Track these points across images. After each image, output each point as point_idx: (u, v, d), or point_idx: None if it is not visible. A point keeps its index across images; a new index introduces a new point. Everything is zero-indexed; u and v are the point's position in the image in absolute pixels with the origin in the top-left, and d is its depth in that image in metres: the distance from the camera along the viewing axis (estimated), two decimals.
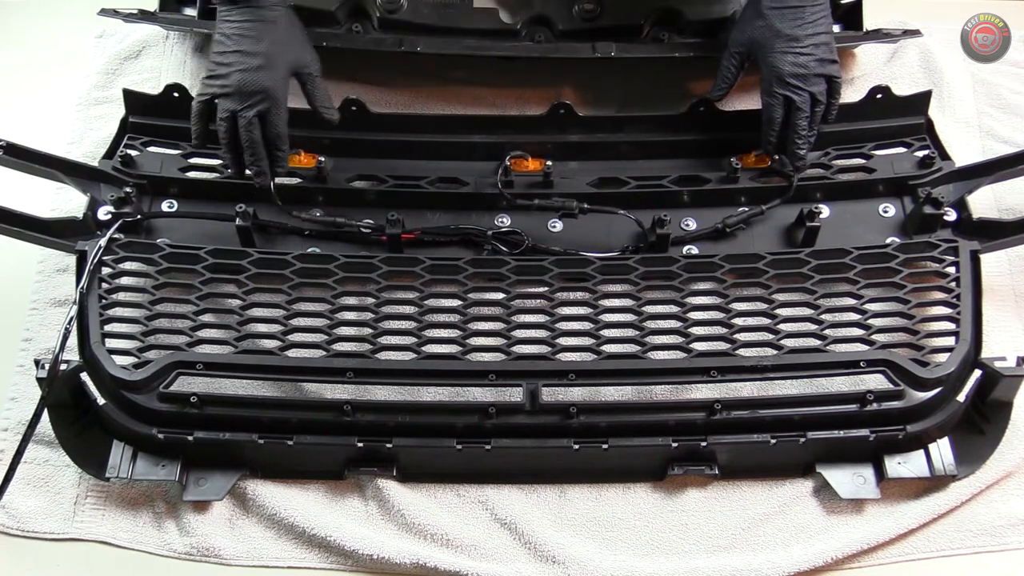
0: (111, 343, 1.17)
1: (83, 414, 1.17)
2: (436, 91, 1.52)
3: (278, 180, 1.29)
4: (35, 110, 1.52)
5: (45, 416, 1.16)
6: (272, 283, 1.24)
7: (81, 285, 1.17)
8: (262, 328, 1.21)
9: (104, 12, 1.48)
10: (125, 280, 1.25)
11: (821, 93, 1.25)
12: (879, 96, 1.34)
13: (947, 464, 1.15)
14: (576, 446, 1.14)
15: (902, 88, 1.38)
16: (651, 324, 1.21)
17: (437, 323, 1.22)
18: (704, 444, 1.14)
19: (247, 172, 1.23)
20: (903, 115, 1.36)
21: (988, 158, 1.35)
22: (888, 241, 1.29)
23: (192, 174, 1.34)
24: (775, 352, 1.18)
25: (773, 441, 1.13)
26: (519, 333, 1.21)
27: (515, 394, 1.15)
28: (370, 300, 1.23)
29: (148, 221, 1.30)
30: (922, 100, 1.36)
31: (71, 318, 1.15)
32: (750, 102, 1.49)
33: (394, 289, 1.25)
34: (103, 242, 1.21)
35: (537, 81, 1.51)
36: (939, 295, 1.22)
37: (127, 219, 1.25)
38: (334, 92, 1.46)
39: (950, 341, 1.18)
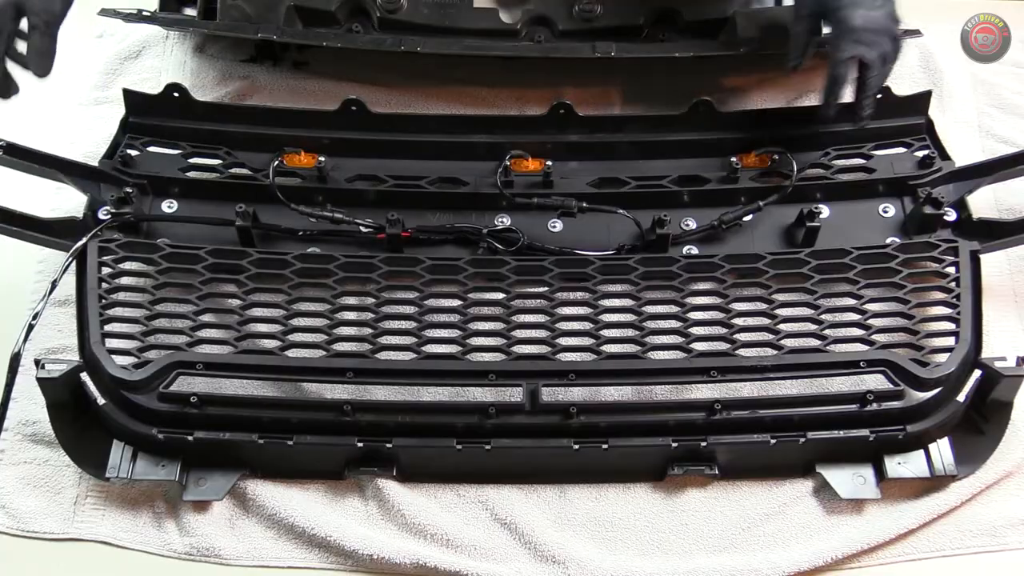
0: (111, 343, 1.17)
1: (83, 414, 1.17)
2: (436, 91, 1.52)
3: (278, 180, 1.29)
4: (35, 110, 1.52)
5: (45, 416, 1.17)
6: (272, 283, 1.24)
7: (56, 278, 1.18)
8: (262, 328, 1.21)
9: (104, 12, 1.48)
10: (125, 280, 1.25)
11: (889, 52, 1.22)
12: (879, 96, 1.34)
13: (947, 464, 1.15)
14: (576, 446, 1.14)
15: (902, 88, 1.38)
16: (651, 324, 1.21)
17: (437, 323, 1.22)
18: (704, 444, 1.14)
19: None
20: (903, 115, 1.36)
21: (988, 158, 1.35)
22: (888, 241, 1.29)
23: (192, 174, 1.34)
24: (775, 352, 1.18)
25: (773, 441, 1.13)
26: (519, 333, 1.21)
27: (515, 394, 1.15)
28: (370, 300, 1.23)
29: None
30: (922, 100, 1.36)
31: (36, 313, 1.16)
32: (750, 102, 1.49)
33: (394, 289, 1.25)
34: (85, 240, 1.21)
35: (537, 81, 1.51)
36: (939, 295, 1.22)
37: (111, 223, 1.25)
38: (335, 92, 1.47)
39: (950, 341, 1.18)
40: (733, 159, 1.33)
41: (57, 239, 1.25)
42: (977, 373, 1.17)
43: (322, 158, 1.32)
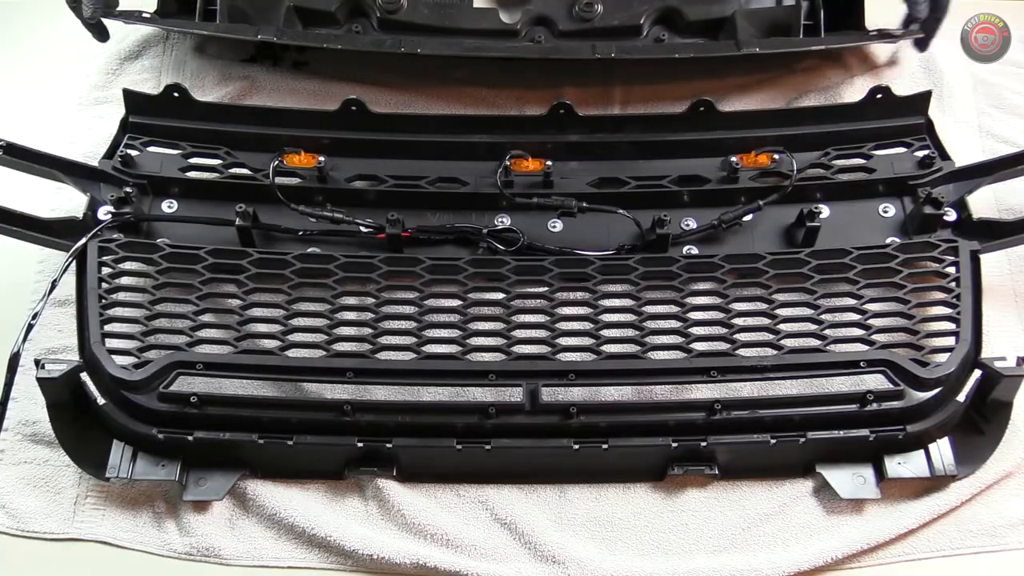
0: (111, 343, 1.17)
1: (83, 414, 1.17)
2: (436, 91, 1.52)
3: (278, 180, 1.29)
4: (35, 110, 1.52)
5: (45, 416, 1.17)
6: (272, 283, 1.24)
7: (55, 279, 1.18)
8: (262, 328, 1.21)
9: (105, 13, 1.48)
10: (125, 280, 1.25)
11: None
12: (879, 96, 1.34)
13: (947, 464, 1.15)
14: (576, 446, 1.14)
15: (902, 88, 1.38)
16: (651, 324, 1.21)
17: (437, 323, 1.22)
18: (704, 444, 1.14)
19: None
20: (903, 115, 1.36)
21: (988, 158, 1.35)
22: (888, 241, 1.29)
23: (192, 174, 1.34)
24: (775, 352, 1.18)
25: (773, 441, 1.13)
26: (519, 333, 1.21)
27: (515, 394, 1.15)
28: (370, 300, 1.23)
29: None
30: (922, 100, 1.36)
31: (35, 313, 1.16)
32: (750, 102, 1.49)
33: (394, 289, 1.25)
34: (85, 240, 1.22)
35: (537, 81, 1.51)
36: (939, 295, 1.22)
37: (111, 223, 1.25)
38: (335, 92, 1.47)
39: (950, 341, 1.18)
40: (733, 159, 1.33)
41: (57, 239, 1.25)
42: (977, 373, 1.17)
43: (322, 158, 1.32)
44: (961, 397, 1.17)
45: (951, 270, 1.23)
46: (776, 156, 1.33)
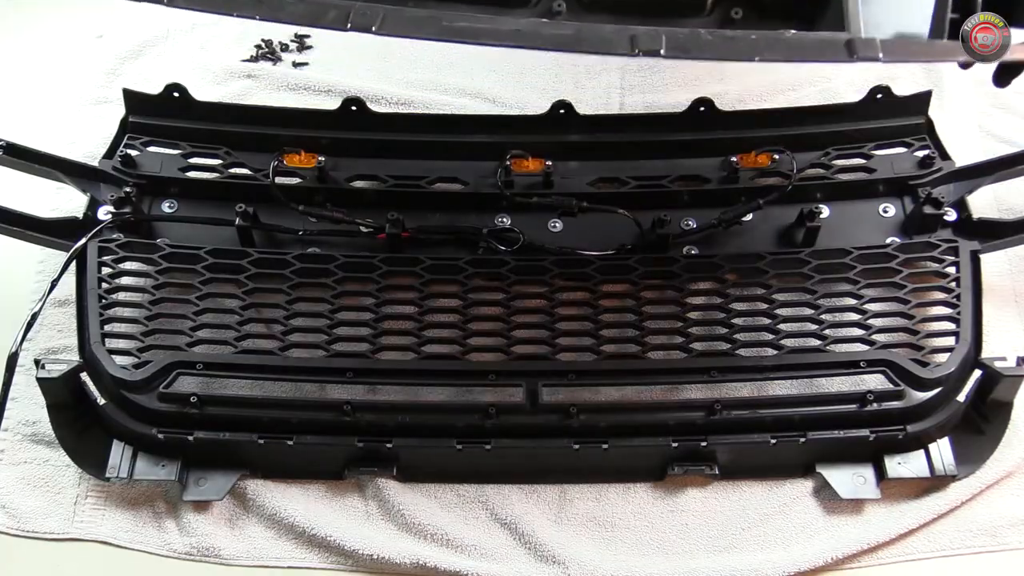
0: (111, 343, 1.17)
1: (83, 414, 1.17)
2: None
3: (278, 180, 1.29)
4: (35, 110, 1.52)
5: (45, 416, 1.17)
6: (272, 283, 1.24)
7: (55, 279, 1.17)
8: (262, 328, 1.21)
9: None
10: (125, 280, 1.25)
11: None
12: (879, 96, 1.34)
13: (947, 464, 1.15)
14: (576, 446, 1.14)
15: (902, 88, 1.38)
16: (651, 324, 1.21)
17: (437, 323, 1.22)
18: (704, 444, 1.14)
19: None
20: (903, 115, 1.36)
21: (988, 158, 1.35)
22: (888, 241, 1.29)
23: (192, 174, 1.33)
24: (775, 352, 1.18)
25: (773, 441, 1.13)
26: (519, 333, 1.21)
27: (515, 394, 1.15)
28: (370, 300, 1.23)
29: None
30: (922, 100, 1.36)
31: (34, 313, 1.16)
32: (750, 102, 1.49)
33: (394, 289, 1.25)
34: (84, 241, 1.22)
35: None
36: (939, 295, 1.22)
37: (111, 223, 1.25)
38: (335, 92, 1.46)
39: (950, 341, 1.18)
40: (733, 159, 1.33)
41: (57, 239, 1.26)
42: (977, 373, 1.17)
43: (322, 158, 1.32)
44: (961, 397, 1.17)
45: (951, 270, 1.23)
46: (776, 156, 1.33)
